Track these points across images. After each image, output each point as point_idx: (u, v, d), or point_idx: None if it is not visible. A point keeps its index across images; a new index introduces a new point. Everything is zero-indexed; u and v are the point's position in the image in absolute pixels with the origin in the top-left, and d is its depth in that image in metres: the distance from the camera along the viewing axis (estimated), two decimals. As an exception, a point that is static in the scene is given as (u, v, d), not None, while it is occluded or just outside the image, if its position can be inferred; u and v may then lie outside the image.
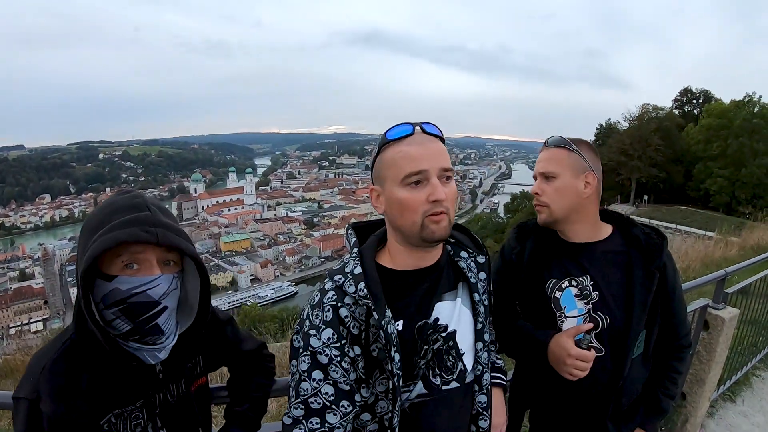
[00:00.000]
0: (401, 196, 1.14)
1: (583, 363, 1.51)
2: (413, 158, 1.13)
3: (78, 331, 1.10)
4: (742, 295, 3.77)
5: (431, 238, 1.16)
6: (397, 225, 1.19)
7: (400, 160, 1.14)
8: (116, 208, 1.09)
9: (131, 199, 1.12)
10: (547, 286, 1.69)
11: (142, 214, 1.08)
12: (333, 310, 1.13)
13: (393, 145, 1.16)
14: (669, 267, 1.66)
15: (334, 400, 1.11)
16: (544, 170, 1.65)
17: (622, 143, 46.85)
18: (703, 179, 45.60)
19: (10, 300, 59.98)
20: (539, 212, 1.69)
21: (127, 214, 1.07)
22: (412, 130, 1.16)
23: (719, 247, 9.53)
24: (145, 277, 1.08)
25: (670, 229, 35.52)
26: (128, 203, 1.10)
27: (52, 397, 1.03)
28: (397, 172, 1.14)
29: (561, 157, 1.63)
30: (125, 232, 1.04)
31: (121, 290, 1.07)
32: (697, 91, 54.94)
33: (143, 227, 1.06)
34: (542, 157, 1.68)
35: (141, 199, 1.13)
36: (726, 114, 45.08)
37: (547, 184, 1.65)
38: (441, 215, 1.14)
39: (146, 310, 1.10)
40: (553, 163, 1.64)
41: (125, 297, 1.07)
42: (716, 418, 3.80)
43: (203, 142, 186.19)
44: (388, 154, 1.16)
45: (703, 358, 3.20)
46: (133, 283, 1.07)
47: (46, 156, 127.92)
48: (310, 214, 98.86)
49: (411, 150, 1.14)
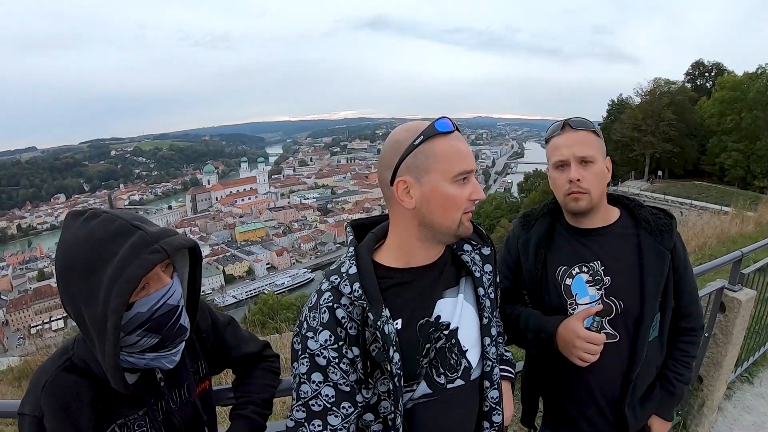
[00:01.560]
0: (451, 192, 1.13)
1: (593, 346, 1.47)
2: (465, 156, 1.14)
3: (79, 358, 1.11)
4: (760, 273, 3.69)
5: (465, 234, 1.19)
6: (433, 221, 1.16)
7: (453, 155, 1.12)
8: (100, 242, 1.01)
9: (106, 225, 1.03)
10: (557, 273, 1.66)
11: (135, 237, 1.03)
12: (329, 311, 1.12)
13: (442, 138, 1.13)
14: (679, 247, 1.64)
15: (335, 401, 1.11)
16: (583, 154, 1.54)
17: (635, 119, 46.46)
18: (718, 153, 44.99)
19: (30, 300, 61.35)
20: (578, 199, 1.58)
21: (120, 244, 1.01)
22: (453, 126, 1.14)
23: (735, 222, 9.44)
24: (161, 290, 1.08)
25: (685, 204, 35.30)
26: (110, 231, 1.02)
27: (55, 413, 1.04)
28: (449, 167, 1.12)
29: (592, 140, 1.57)
30: (139, 266, 0.99)
31: (143, 312, 1.06)
32: (709, 63, 54.03)
33: (148, 250, 1.02)
34: (573, 139, 1.57)
35: (118, 220, 1.04)
36: (739, 86, 44.32)
37: (585, 170, 1.55)
38: (469, 214, 1.17)
39: (170, 318, 1.10)
40: (588, 146, 1.55)
41: (149, 317, 1.07)
42: (733, 401, 3.76)
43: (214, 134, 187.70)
44: (440, 147, 1.12)
45: (720, 341, 3.15)
46: (153, 300, 1.07)
47: (58, 156, 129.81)
48: (324, 200, 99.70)
49: (462, 147, 1.14)
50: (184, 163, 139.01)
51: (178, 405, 1.25)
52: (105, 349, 0.99)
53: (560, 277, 1.65)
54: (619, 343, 1.60)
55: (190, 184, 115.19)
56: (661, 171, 47.24)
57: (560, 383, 1.71)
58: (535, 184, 64.29)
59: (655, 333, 1.63)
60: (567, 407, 1.73)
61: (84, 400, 1.07)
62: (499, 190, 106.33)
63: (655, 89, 49.09)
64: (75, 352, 1.11)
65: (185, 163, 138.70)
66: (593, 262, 1.62)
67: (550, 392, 1.80)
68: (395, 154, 1.14)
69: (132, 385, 1.08)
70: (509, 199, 77.44)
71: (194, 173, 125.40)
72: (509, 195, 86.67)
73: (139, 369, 1.14)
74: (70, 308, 1.05)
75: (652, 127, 45.29)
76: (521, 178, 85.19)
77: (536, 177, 69.99)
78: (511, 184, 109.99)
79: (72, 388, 1.07)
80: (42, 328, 41.30)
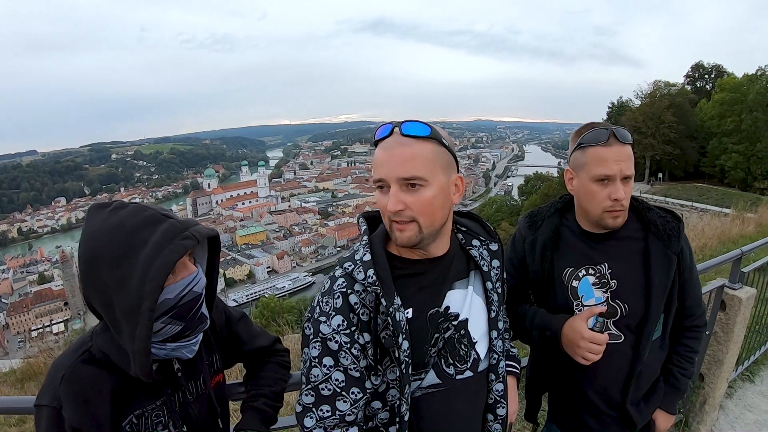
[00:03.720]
0: (377, 199, 1.18)
1: (596, 346, 1.49)
2: (379, 163, 1.15)
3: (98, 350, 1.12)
4: (760, 272, 3.72)
5: (399, 244, 1.19)
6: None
7: (375, 162, 1.16)
8: (131, 229, 1.04)
9: (137, 213, 1.07)
10: (564, 275, 1.66)
11: (166, 224, 1.07)
12: (343, 296, 1.15)
13: (379, 145, 1.17)
14: (685, 250, 1.64)
15: (344, 386, 1.12)
16: (630, 173, 1.52)
17: (635, 121, 46.44)
18: (718, 155, 45.05)
19: (31, 303, 61.10)
20: (617, 217, 1.56)
21: (151, 231, 1.05)
22: (388, 132, 1.16)
23: (736, 224, 9.45)
24: (187, 278, 1.11)
25: (686, 206, 35.23)
26: (141, 219, 1.06)
27: (74, 404, 1.05)
28: (374, 174, 1.16)
29: (631, 154, 1.53)
30: (173, 251, 1.03)
31: (171, 299, 1.08)
32: (708, 66, 54.19)
33: (180, 236, 1.05)
34: (622, 155, 1.51)
35: (149, 210, 1.09)
36: (739, 88, 44.42)
37: (627, 187, 1.53)
38: (402, 224, 1.17)
39: (193, 305, 1.13)
40: (632, 164, 1.53)
41: (176, 303, 1.09)
42: (735, 399, 3.77)
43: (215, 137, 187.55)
44: (376, 154, 1.17)
45: (721, 338, 3.17)
46: (180, 287, 1.09)
47: (59, 159, 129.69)
48: (324, 203, 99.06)
49: (380, 154, 1.16)
50: (185, 166, 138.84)
51: (194, 396, 1.27)
52: (136, 334, 1.00)
53: (567, 279, 1.66)
54: (623, 343, 1.61)
55: (191, 187, 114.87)
56: (662, 173, 47.21)
57: (565, 380, 1.72)
58: (536, 186, 64.11)
59: (658, 333, 1.65)
60: (572, 403, 1.75)
61: (103, 391, 1.08)
62: (500, 193, 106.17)
63: (655, 91, 49.22)
64: (94, 344, 1.13)
65: (186, 167, 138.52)
66: (600, 264, 1.62)
67: (555, 388, 1.82)
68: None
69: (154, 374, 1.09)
70: (510, 201, 77.41)
71: (195, 177, 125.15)
72: (510, 198, 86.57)
73: (158, 359, 1.17)
74: (97, 297, 1.05)
75: (653, 129, 45.37)
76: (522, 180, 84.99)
77: (536, 180, 69.88)
78: (511, 186, 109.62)
79: (91, 379, 1.08)
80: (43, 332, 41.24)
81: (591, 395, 1.68)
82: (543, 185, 59.22)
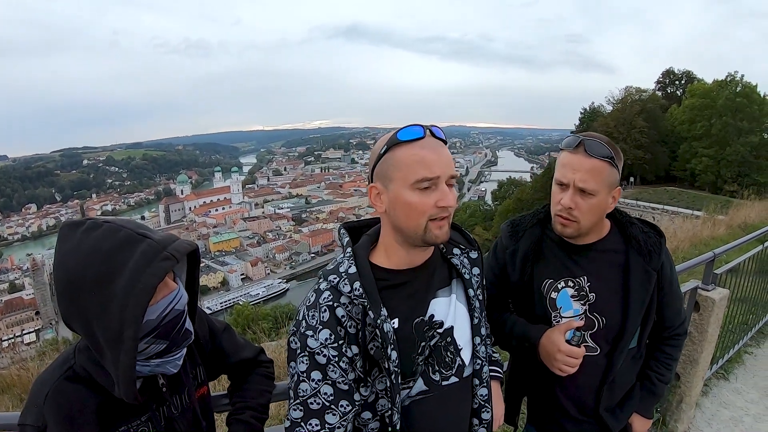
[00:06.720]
0: (410, 199, 1.13)
1: (572, 359, 1.52)
2: (427, 163, 1.12)
3: (81, 367, 1.10)
4: (732, 274, 3.82)
5: (433, 241, 1.17)
6: (400, 226, 1.18)
7: (414, 163, 1.12)
8: (108, 253, 1.00)
9: (111, 235, 1.02)
10: (543, 286, 1.67)
11: (143, 245, 1.02)
12: (329, 310, 1.14)
13: (404, 146, 1.13)
14: (666, 265, 1.65)
15: (333, 400, 1.12)
16: (584, 186, 1.49)
17: (607, 126, 47.00)
18: (689, 159, 46.07)
19: (2, 313, 59.31)
20: (566, 226, 1.57)
21: (129, 254, 1.00)
22: (423, 133, 1.14)
23: (707, 226, 9.63)
24: (168, 296, 1.09)
25: (657, 209, 35.91)
26: (117, 241, 1.01)
27: (58, 424, 1.04)
28: (408, 174, 1.12)
29: (603, 172, 1.49)
30: (152, 274, 0.99)
31: (153, 320, 1.06)
32: (679, 72, 55.57)
33: (159, 257, 1.01)
34: (580, 165, 1.49)
35: (123, 230, 1.03)
36: (709, 94, 45.57)
37: (582, 200, 1.51)
38: (444, 220, 1.16)
39: (177, 322, 1.11)
40: (594, 179, 1.49)
41: (158, 323, 1.07)
42: (710, 397, 3.87)
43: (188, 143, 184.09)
44: (399, 155, 1.13)
45: (696, 338, 3.25)
46: (161, 307, 1.07)
47: (29, 165, 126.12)
48: (298, 210, 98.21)
49: (425, 154, 1.12)
50: (158, 172, 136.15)
51: (179, 411, 1.26)
52: (120, 361, 0.98)
53: (546, 290, 1.67)
54: (598, 355, 1.63)
55: (164, 193, 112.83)
56: (633, 177, 47.96)
57: (541, 386, 1.74)
58: (509, 191, 64.84)
59: (634, 344, 1.67)
60: (550, 408, 1.77)
61: (88, 409, 1.07)
62: (473, 198, 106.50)
63: (627, 97, 50.23)
64: (76, 361, 1.11)
65: (158, 173, 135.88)
66: (580, 277, 1.63)
67: (534, 393, 1.84)
68: (371, 161, 1.21)
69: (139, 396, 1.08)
70: (483, 207, 78.06)
71: (167, 183, 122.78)
72: (483, 203, 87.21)
73: (142, 376, 1.15)
74: (76, 323, 1.02)
75: (624, 134, 46.02)
76: (495, 186, 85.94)
77: (510, 185, 70.91)
78: (485, 192, 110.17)
79: (75, 397, 1.07)
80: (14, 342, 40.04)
81: (565, 402, 1.71)
82: (516, 190, 60.06)
